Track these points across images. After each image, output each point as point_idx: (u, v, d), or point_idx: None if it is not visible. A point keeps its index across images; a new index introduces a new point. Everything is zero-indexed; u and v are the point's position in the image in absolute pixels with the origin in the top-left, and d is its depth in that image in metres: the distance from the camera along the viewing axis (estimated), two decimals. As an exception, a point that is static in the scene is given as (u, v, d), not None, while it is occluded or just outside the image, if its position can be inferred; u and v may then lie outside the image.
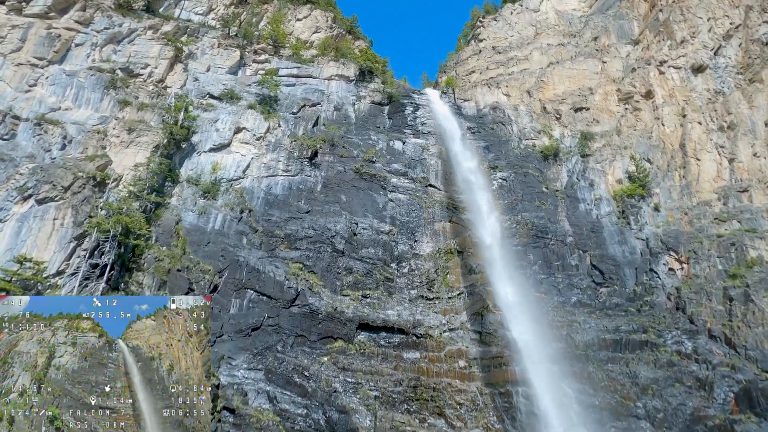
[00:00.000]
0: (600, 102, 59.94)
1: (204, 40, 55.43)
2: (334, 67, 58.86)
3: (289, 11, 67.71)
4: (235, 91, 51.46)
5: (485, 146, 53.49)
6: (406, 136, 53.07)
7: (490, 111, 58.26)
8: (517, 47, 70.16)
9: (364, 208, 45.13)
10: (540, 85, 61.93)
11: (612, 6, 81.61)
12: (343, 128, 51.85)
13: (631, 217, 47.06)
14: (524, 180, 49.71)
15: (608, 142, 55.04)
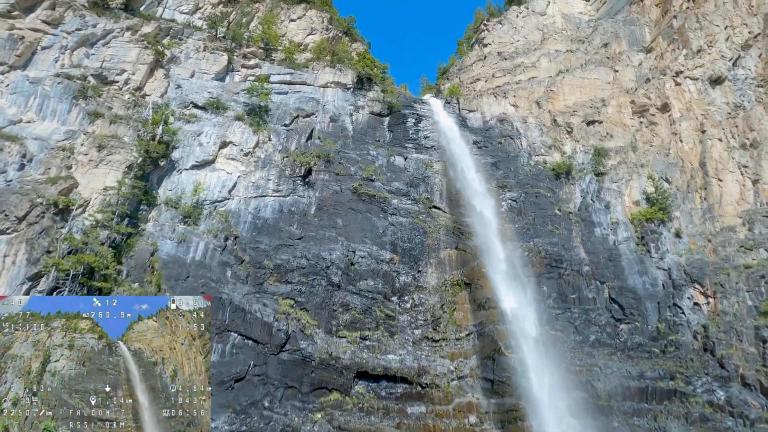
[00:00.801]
0: (613, 115, 55.79)
1: (188, 43, 50.37)
2: (330, 73, 54.07)
3: (282, 11, 62.67)
4: (222, 99, 46.54)
5: (493, 162, 49.13)
6: (407, 150, 48.55)
7: (497, 123, 53.88)
8: (524, 53, 65.77)
9: (362, 233, 40.63)
10: (549, 95, 57.64)
11: (621, 11, 77.52)
12: (339, 142, 47.18)
13: (651, 244, 43.02)
14: (535, 201, 45.46)
15: (623, 159, 50.93)
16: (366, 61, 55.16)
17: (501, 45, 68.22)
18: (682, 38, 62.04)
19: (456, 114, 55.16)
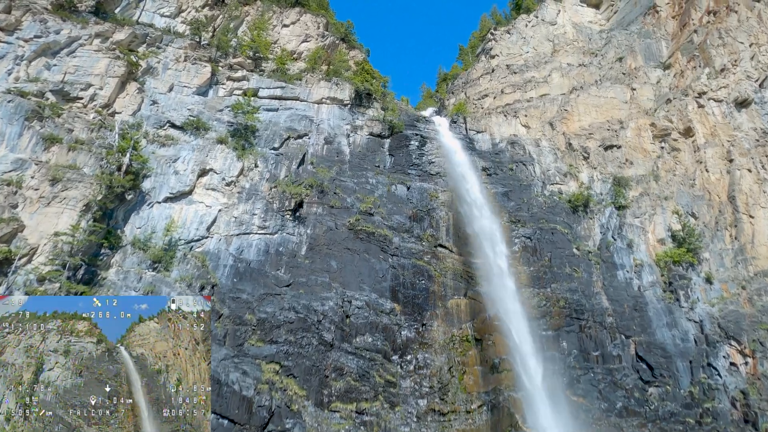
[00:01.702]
0: (632, 139, 50.92)
1: (168, 52, 44.54)
2: (326, 87, 48.52)
3: (274, 15, 56.90)
4: (203, 118, 40.88)
5: (504, 192, 44.06)
6: (410, 178, 43.28)
7: (508, 146, 48.75)
8: (534, 66, 60.64)
9: (359, 277, 35.39)
10: (563, 115, 52.63)
11: (634, 22, 72.59)
12: (335, 168, 41.78)
13: (680, 292, 38.27)
14: (551, 239, 40.49)
15: (645, 190, 46.11)
16: (365, 74, 49.66)
17: (509, 56, 63.01)
18: (704, 55, 57.25)
19: (463, 135, 49.96)
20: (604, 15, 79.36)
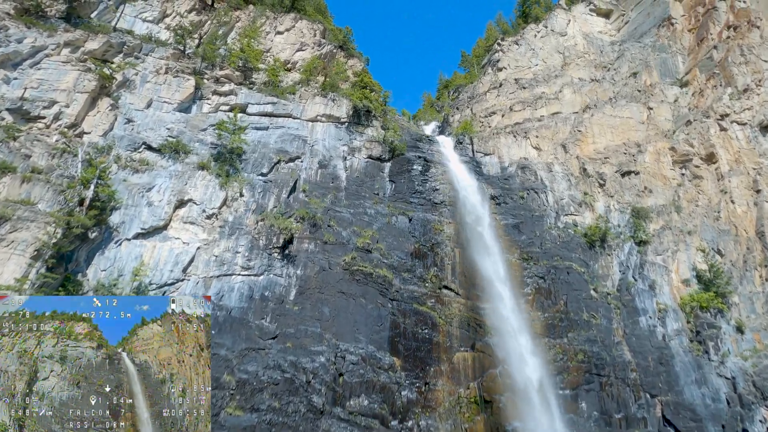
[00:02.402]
0: (651, 164, 46.91)
1: (147, 62, 39.96)
2: (321, 104, 44.10)
3: (266, 21, 52.34)
4: (183, 139, 36.41)
5: (514, 224, 39.92)
6: (413, 207, 39.03)
7: (518, 171, 44.59)
8: (544, 81, 56.48)
9: (354, 326, 31.16)
10: (577, 136, 48.53)
11: (647, 33, 68.48)
12: (329, 196, 37.45)
13: (709, 343, 34.35)
14: (567, 279, 36.42)
15: (667, 222, 42.13)
16: (364, 91, 45.19)
17: (518, 69, 58.80)
18: (725, 74, 53.28)
19: (469, 158, 45.73)
20: (614, 25, 75.35)
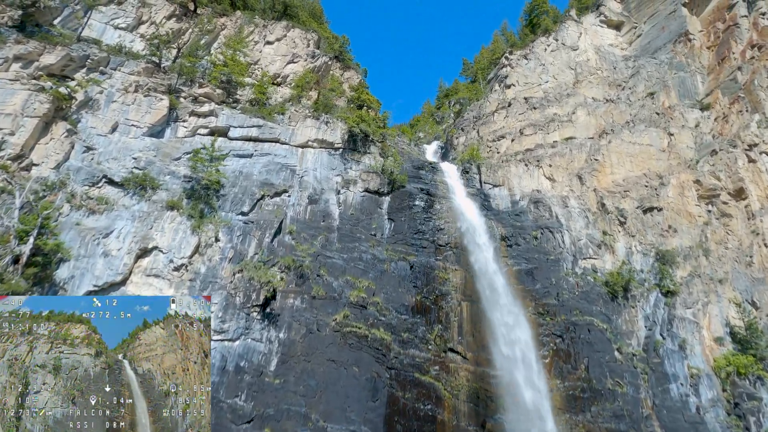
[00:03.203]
0: (675, 199, 42.33)
1: (115, 78, 34.61)
2: (313, 127, 38.94)
3: (255, 30, 47.05)
4: (152, 171, 31.18)
5: (528, 270, 35.15)
6: (414, 250, 34.10)
7: (530, 206, 39.78)
8: (556, 101, 51.70)
9: (345, 402, 26.21)
10: (593, 166, 43.81)
11: (661, 49, 63.82)
12: (320, 239, 32.42)
13: (749, 418, 29.83)
14: (588, 338, 31.74)
15: (695, 269, 37.62)
16: (361, 113, 40.02)
17: (527, 87, 53.93)
18: (751, 98, 48.82)
19: (476, 189, 40.84)
20: (625, 38, 70.72)
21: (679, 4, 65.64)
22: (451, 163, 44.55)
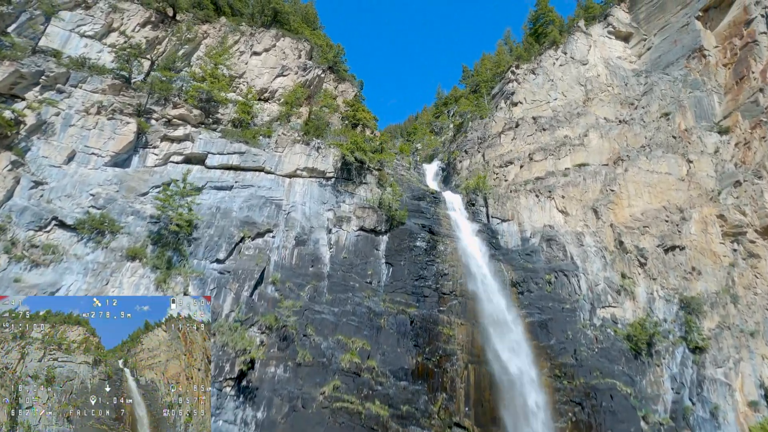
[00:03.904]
0: (698, 236, 38.40)
1: (74, 98, 29.75)
2: (303, 153, 34.29)
3: (241, 39, 42.20)
4: (112, 212, 26.44)
5: (541, 322, 30.97)
6: (414, 300, 29.74)
7: (542, 244, 35.58)
8: (566, 120, 47.52)
9: (334, 497, 21.95)
10: (609, 197, 39.70)
11: (674, 64, 59.85)
12: (308, 289, 27.92)
13: (793, 503, 26.15)
14: (610, 406, 27.65)
15: (724, 319, 33.75)
16: (356, 137, 35.35)
17: (535, 104, 49.70)
18: (776, 123, 45.03)
19: (483, 225, 36.53)
20: (635, 50, 66.75)
21: (692, 17, 61.73)
22: (455, 192, 40.14)
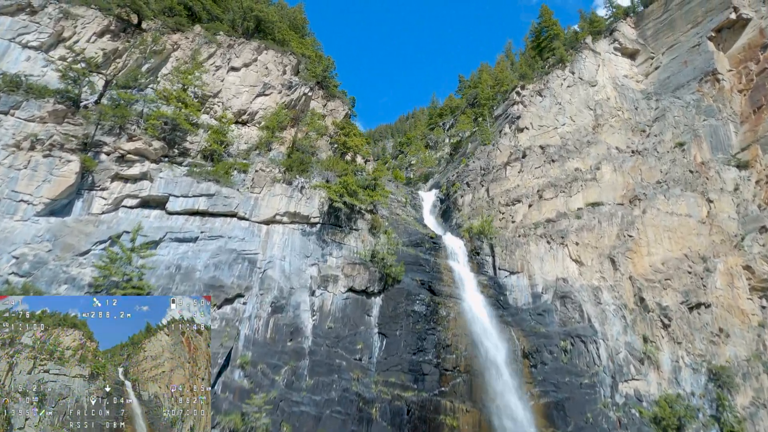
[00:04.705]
0: (724, 291, 34.21)
1: (2, 128, 24.03)
2: (283, 195, 28.89)
3: (218, 51, 36.54)
4: (41, 279, 20.86)
5: (557, 402, 26.30)
6: (412, 380, 24.75)
7: (556, 302, 30.89)
8: (576, 150, 42.93)
9: None
10: (627, 245, 35.22)
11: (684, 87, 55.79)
12: (284, 373, 22.70)
13: None
14: None
15: (758, 394, 29.59)
16: (347, 181, 29.86)
17: (542, 131, 44.97)
18: (802, 161, 41.10)
19: (488, 278, 31.65)
20: (641, 68, 62.63)
21: (704, 37, 57.59)
22: (456, 236, 35.13)
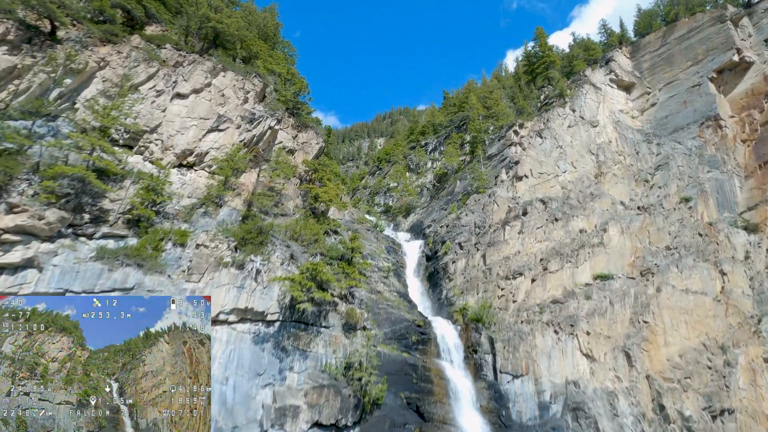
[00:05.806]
0: (747, 392, 29.32)
1: None
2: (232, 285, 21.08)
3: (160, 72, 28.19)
4: None
5: None
6: None
7: (567, 416, 24.83)
8: (580, 205, 37.18)
9: None
10: (642, 334, 29.70)
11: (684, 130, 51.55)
12: None
13: None
14: None
15: None
16: (316, 266, 22.47)
17: (543, 179, 38.95)
18: (817, 230, 36.95)
19: (489, 385, 25.22)
20: (636, 103, 58.28)
21: (705, 77, 53.37)
22: (448, 319, 28.40)
